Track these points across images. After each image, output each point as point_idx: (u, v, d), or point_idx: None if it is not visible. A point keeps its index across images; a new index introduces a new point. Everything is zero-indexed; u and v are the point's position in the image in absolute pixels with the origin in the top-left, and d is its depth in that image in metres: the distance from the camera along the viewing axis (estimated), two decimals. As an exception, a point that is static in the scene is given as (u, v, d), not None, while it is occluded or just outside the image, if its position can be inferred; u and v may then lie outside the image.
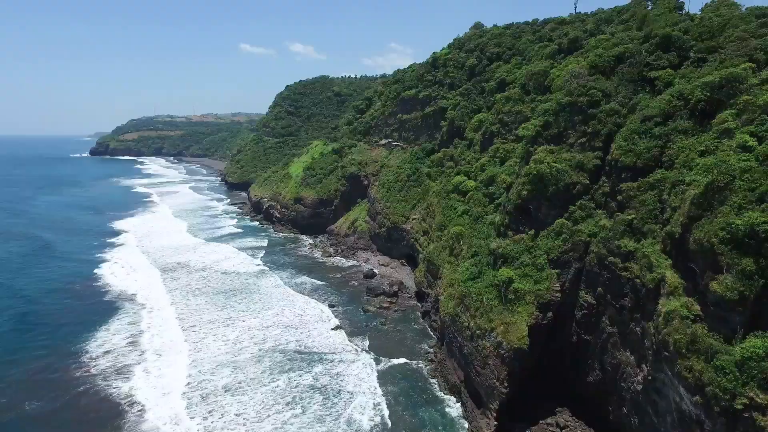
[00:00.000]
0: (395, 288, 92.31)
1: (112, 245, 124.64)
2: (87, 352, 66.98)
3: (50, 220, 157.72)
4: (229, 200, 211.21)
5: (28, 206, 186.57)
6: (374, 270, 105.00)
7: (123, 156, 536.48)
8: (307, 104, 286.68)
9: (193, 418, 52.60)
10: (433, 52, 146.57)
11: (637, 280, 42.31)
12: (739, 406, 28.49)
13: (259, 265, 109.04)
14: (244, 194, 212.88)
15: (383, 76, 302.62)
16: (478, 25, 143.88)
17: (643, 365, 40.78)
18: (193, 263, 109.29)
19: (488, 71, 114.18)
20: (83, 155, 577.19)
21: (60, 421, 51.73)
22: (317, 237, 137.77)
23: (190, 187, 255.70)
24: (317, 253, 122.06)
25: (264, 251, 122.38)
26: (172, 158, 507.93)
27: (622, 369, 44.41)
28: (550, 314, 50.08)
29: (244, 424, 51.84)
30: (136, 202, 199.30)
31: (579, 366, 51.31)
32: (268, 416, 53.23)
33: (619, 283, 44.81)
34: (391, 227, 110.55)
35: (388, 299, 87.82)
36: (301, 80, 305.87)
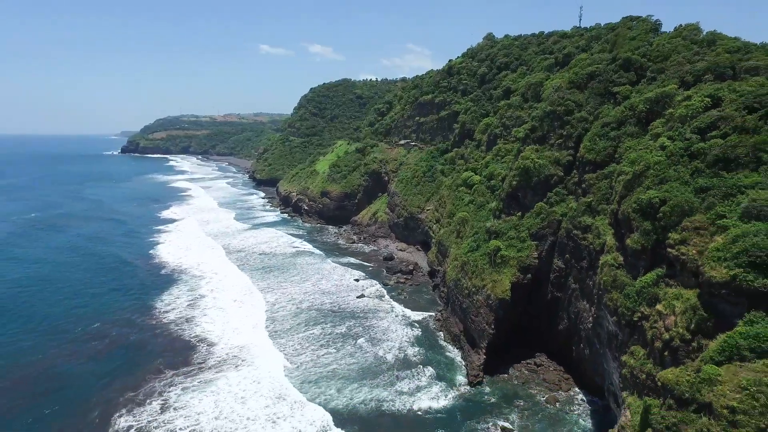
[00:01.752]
0: (410, 267, 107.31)
1: (163, 231, 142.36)
2: (157, 308, 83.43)
3: (105, 209, 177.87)
4: (259, 194, 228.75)
5: (82, 197, 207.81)
6: (393, 254, 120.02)
7: (152, 154, 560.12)
8: (330, 106, 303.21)
9: (245, 348, 68.39)
10: (449, 60, 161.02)
11: (591, 246, 56.52)
12: (635, 318, 42.71)
13: (296, 247, 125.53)
14: (272, 189, 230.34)
15: (403, 79, 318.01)
16: (489, 36, 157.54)
17: (592, 308, 54.97)
18: (235, 245, 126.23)
19: (497, 79, 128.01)
20: (115, 153, 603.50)
21: (156, 349, 68.38)
22: (341, 227, 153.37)
23: (227, 182, 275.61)
24: (341, 240, 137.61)
25: (296, 237, 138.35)
26: (199, 156, 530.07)
27: (581, 315, 58.61)
28: (529, 276, 64.46)
29: (285, 356, 67.19)
30: (176, 196, 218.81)
31: (552, 321, 65.43)
32: (305, 353, 68.49)
33: (580, 249, 59.02)
34: (408, 217, 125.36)
35: (405, 276, 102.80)
36: (324, 83, 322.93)
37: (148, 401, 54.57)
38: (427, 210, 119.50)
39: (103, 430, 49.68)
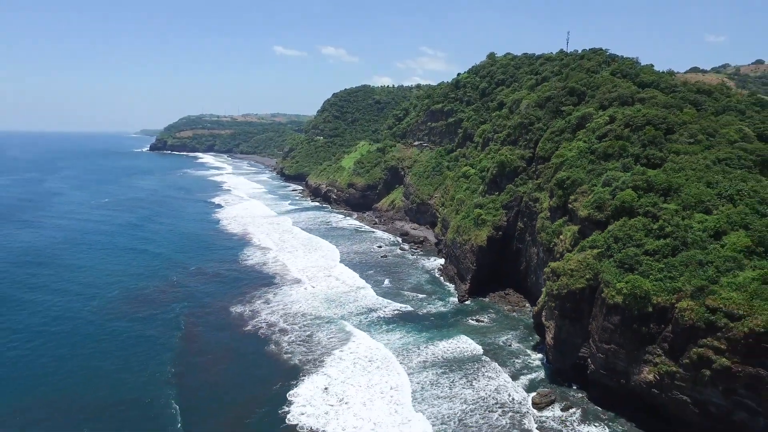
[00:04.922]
0: (421, 239, 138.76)
1: (220, 212, 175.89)
2: (239, 258, 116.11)
3: (174, 196, 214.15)
4: (290, 187, 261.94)
5: (134, 187, 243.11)
6: (407, 231, 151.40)
7: (180, 152, 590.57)
8: (350, 110, 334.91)
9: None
10: (458, 74, 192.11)
11: (537, 211, 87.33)
12: (551, 245, 73.65)
13: (330, 225, 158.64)
14: (300, 183, 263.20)
15: (418, 86, 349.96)
16: (491, 56, 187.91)
17: (536, 249, 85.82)
18: (282, 221, 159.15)
19: (494, 93, 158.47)
20: (144, 150, 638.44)
21: (247, 278, 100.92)
22: (365, 212, 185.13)
23: (267, 177, 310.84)
24: (365, 222, 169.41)
25: (327, 219, 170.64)
26: (225, 155, 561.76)
27: (531, 257, 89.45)
28: (500, 233, 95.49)
29: (332, 282, 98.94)
30: (224, 186, 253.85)
31: (517, 264, 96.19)
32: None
33: (532, 213, 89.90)
34: (419, 203, 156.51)
35: (416, 245, 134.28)
36: (345, 88, 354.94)
37: (254, 300, 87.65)
38: (435, 197, 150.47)
39: (226, 313, 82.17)
